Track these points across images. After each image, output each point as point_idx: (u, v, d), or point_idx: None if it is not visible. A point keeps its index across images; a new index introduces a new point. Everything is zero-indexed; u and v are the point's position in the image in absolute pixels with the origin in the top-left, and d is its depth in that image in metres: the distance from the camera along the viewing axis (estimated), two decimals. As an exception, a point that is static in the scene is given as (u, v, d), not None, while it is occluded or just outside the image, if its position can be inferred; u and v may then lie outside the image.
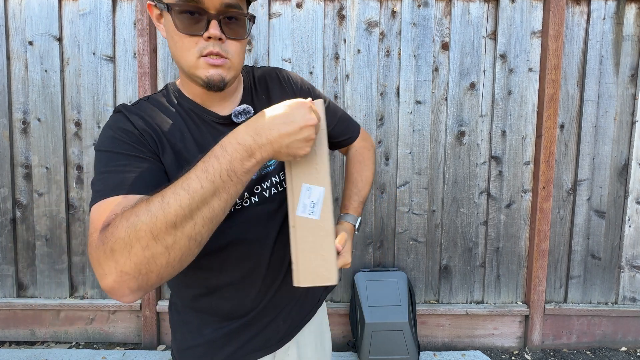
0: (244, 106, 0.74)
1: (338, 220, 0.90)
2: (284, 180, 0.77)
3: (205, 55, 0.64)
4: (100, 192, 0.58)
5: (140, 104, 0.73)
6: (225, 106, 0.75)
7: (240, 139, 0.54)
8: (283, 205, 0.78)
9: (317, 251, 0.64)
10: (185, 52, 0.64)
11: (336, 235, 0.75)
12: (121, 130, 0.65)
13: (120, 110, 0.70)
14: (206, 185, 0.50)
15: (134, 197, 0.56)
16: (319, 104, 0.66)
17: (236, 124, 0.73)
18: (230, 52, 0.66)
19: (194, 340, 0.79)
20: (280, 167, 0.78)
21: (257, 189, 0.75)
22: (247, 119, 0.73)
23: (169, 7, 0.61)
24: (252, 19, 0.67)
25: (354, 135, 0.99)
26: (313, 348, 0.92)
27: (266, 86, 0.82)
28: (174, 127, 0.70)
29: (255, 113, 0.75)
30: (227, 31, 0.64)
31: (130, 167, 0.61)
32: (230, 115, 0.74)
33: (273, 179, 0.77)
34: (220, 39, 0.64)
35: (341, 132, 0.96)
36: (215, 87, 0.67)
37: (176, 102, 0.73)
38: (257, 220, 0.75)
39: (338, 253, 0.71)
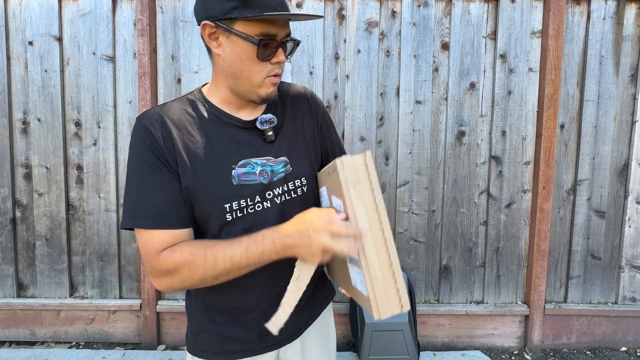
0: (270, 116, 0.80)
1: None
2: (292, 190, 0.83)
3: (270, 76, 0.75)
4: (140, 218, 0.74)
5: (163, 106, 0.80)
6: (251, 112, 0.82)
7: (274, 239, 0.70)
8: (289, 210, 0.81)
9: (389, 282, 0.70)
10: (255, 74, 0.74)
11: None
12: (144, 142, 0.75)
13: (139, 120, 0.77)
14: (243, 262, 0.70)
15: (173, 232, 0.74)
16: (367, 158, 0.71)
17: (259, 130, 0.81)
18: (283, 70, 0.79)
19: (208, 324, 0.85)
20: (293, 176, 0.83)
21: (269, 194, 0.80)
22: (270, 127, 0.80)
23: (257, 42, 0.70)
24: (298, 43, 0.79)
25: None
26: (317, 343, 0.95)
27: (295, 102, 0.89)
28: (194, 131, 0.78)
29: (277, 123, 0.83)
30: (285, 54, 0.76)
31: (160, 191, 0.74)
32: (254, 121, 0.80)
33: (289, 184, 0.82)
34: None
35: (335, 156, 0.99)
36: (268, 101, 0.78)
37: (202, 108, 0.80)
38: (267, 224, 0.78)
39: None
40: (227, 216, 0.77)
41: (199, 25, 0.74)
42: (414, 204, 2.19)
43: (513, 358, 2.17)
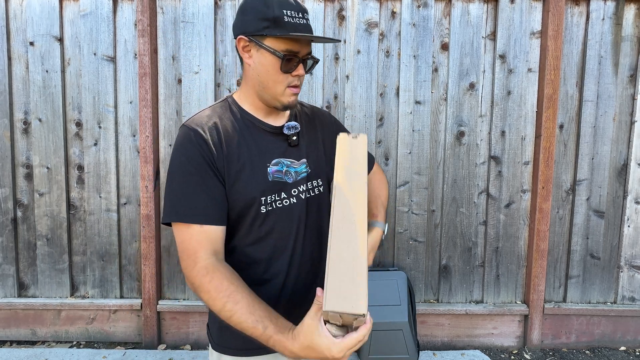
0: (295, 123, 0.93)
1: (369, 226, 1.03)
2: (311, 189, 0.95)
3: (290, 87, 0.87)
4: (181, 213, 0.81)
5: (212, 113, 0.89)
6: (277, 119, 0.94)
7: (285, 347, 0.70)
8: (312, 206, 0.95)
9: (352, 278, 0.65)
10: (278, 84, 0.86)
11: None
12: (192, 144, 0.83)
13: (187, 126, 0.86)
14: (249, 332, 0.73)
15: (209, 228, 0.81)
16: (362, 140, 0.77)
17: (284, 135, 0.92)
18: (302, 83, 0.90)
19: None
20: (313, 176, 0.94)
21: (294, 191, 0.91)
22: (294, 133, 0.93)
23: (282, 56, 0.82)
24: (317, 61, 0.90)
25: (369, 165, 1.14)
26: None
27: (316, 116, 1.04)
28: (234, 134, 0.89)
29: (300, 130, 0.94)
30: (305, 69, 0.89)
31: (202, 189, 0.81)
32: (280, 127, 0.92)
33: (308, 184, 0.94)
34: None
35: None
36: (290, 108, 0.90)
37: (237, 113, 0.92)
38: (294, 217, 0.91)
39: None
40: (262, 208, 0.87)
41: (235, 39, 0.86)
42: (413, 204, 2.20)
43: (512, 357, 2.17)
